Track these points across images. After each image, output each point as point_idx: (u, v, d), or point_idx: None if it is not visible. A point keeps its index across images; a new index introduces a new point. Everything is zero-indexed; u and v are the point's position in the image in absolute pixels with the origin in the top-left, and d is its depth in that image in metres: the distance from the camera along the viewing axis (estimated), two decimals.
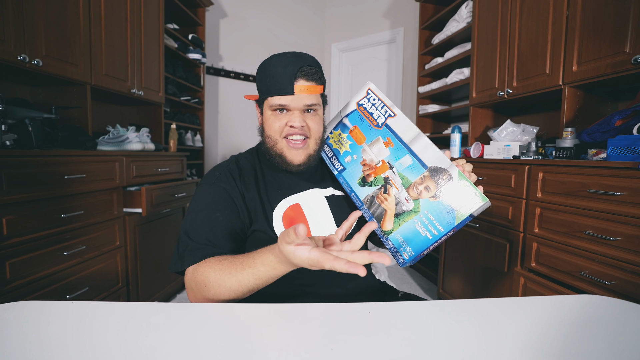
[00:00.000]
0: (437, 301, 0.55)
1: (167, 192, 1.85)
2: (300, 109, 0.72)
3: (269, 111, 0.74)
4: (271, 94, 0.71)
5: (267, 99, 0.73)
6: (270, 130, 0.74)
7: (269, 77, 0.71)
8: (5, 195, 1.07)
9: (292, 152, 0.74)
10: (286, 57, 0.71)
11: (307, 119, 0.73)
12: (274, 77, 0.70)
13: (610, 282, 1.04)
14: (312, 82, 0.71)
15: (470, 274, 1.74)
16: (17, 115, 1.24)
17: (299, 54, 0.72)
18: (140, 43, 1.96)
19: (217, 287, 0.56)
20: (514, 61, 1.68)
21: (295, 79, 0.70)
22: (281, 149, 0.74)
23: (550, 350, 0.41)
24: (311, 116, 0.74)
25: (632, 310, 0.53)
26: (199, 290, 0.59)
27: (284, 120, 0.72)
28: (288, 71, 0.69)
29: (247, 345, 0.41)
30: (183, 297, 2.11)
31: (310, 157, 0.75)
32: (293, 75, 0.69)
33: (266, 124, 0.75)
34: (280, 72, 0.70)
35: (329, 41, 3.68)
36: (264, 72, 0.73)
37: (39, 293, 1.19)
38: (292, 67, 0.69)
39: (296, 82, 0.70)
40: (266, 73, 0.72)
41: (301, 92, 0.70)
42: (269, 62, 0.72)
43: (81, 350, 0.39)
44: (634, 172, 0.98)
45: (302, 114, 0.72)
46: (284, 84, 0.69)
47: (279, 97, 0.71)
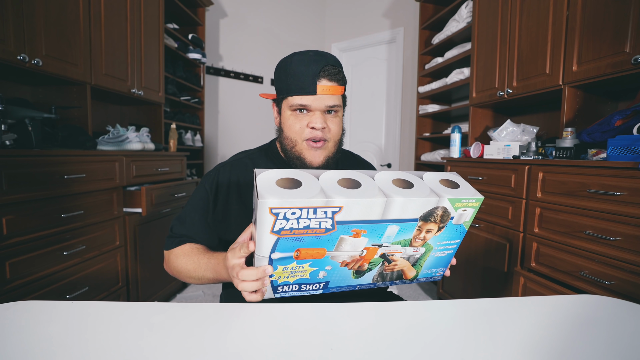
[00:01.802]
0: (437, 301, 0.55)
1: (167, 192, 1.85)
2: (321, 109, 0.70)
3: (288, 111, 0.72)
4: (292, 93, 0.69)
5: (286, 99, 0.71)
6: (290, 131, 0.72)
7: (290, 76, 0.69)
8: (5, 195, 1.07)
9: (311, 153, 0.72)
10: (308, 55, 0.69)
11: (327, 120, 0.71)
12: (295, 75, 0.68)
13: (610, 282, 1.04)
14: (335, 83, 0.69)
15: (470, 274, 1.74)
16: (17, 115, 1.23)
17: (322, 53, 0.70)
18: (140, 43, 1.96)
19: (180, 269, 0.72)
20: (514, 61, 1.68)
21: (318, 79, 0.68)
22: (300, 151, 0.73)
23: (550, 350, 0.41)
24: (332, 117, 0.72)
25: (631, 310, 0.53)
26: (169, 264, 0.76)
27: (304, 121, 0.71)
28: (310, 70, 0.67)
29: (247, 345, 0.41)
30: (183, 297, 2.11)
31: (329, 159, 0.74)
32: (316, 74, 0.67)
33: (285, 124, 0.73)
34: (302, 71, 0.68)
35: (329, 41, 3.68)
36: (284, 71, 0.71)
37: (39, 293, 1.19)
38: (314, 66, 0.67)
39: (319, 82, 0.68)
40: (287, 71, 0.70)
41: (323, 93, 0.68)
42: (290, 60, 0.70)
43: (81, 350, 0.39)
44: (633, 172, 0.98)
45: (323, 114, 0.70)
46: (306, 84, 0.68)
47: (300, 97, 0.69)
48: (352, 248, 0.52)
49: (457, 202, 0.52)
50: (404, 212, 0.50)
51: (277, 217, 0.45)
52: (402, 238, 0.54)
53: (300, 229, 0.47)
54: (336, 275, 0.55)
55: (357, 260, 0.54)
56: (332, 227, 0.48)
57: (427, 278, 0.63)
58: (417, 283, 0.64)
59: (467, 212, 0.55)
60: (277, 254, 0.49)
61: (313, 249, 0.50)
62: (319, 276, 0.54)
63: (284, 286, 0.54)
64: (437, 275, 0.64)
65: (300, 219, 0.46)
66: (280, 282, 0.53)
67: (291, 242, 0.48)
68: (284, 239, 0.47)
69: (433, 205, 0.51)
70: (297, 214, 0.45)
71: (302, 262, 0.51)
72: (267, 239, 0.47)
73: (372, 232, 0.51)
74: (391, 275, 0.59)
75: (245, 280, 0.51)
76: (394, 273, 0.59)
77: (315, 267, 0.53)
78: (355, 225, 0.49)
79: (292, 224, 0.46)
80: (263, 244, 0.47)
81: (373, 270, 0.57)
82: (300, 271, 0.52)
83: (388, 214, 0.50)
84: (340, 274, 0.55)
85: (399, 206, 0.49)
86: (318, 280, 0.55)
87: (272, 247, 0.48)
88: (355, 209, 0.47)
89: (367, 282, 0.59)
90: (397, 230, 0.52)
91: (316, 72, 0.67)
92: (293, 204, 0.44)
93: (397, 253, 0.55)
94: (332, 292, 0.58)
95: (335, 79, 0.69)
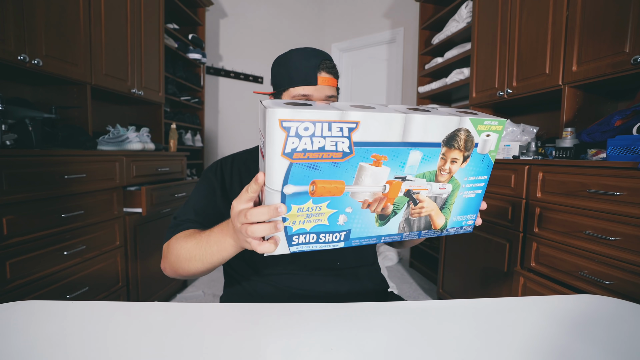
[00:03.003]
0: (437, 301, 0.55)
1: (167, 192, 1.85)
2: (322, 99, 0.74)
3: None
4: (294, 84, 0.73)
5: (288, 90, 0.75)
6: None
7: (292, 69, 0.73)
8: (6, 195, 1.07)
9: None
10: (306, 51, 0.75)
11: None
12: (297, 68, 0.73)
13: (609, 282, 1.04)
14: (331, 75, 0.75)
15: (470, 274, 1.74)
16: (17, 115, 1.24)
17: (318, 49, 0.76)
18: (140, 43, 1.96)
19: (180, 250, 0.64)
20: (514, 61, 1.68)
21: (319, 71, 0.73)
22: None
23: (550, 350, 0.41)
24: None
25: (631, 310, 0.53)
26: (167, 253, 0.68)
27: None
28: (312, 63, 0.72)
29: (248, 345, 0.41)
30: (183, 297, 2.11)
31: None
32: (316, 67, 0.72)
33: None
34: (303, 64, 0.72)
35: (329, 41, 3.68)
36: (284, 65, 0.75)
37: (39, 293, 1.19)
38: (314, 60, 0.73)
39: (319, 74, 0.73)
40: (287, 65, 0.74)
41: (324, 83, 0.73)
42: (290, 55, 0.75)
43: (81, 350, 0.39)
44: (633, 172, 0.98)
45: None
46: (309, 75, 0.72)
47: (303, 87, 0.73)
48: (374, 181, 0.48)
49: (480, 124, 0.50)
50: (425, 134, 0.47)
51: (289, 134, 0.41)
52: (427, 169, 0.50)
53: (314, 152, 0.43)
54: (358, 220, 0.50)
55: (380, 200, 0.49)
56: (349, 151, 0.44)
57: (457, 228, 0.58)
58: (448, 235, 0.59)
59: (491, 137, 0.51)
60: (290, 187, 0.44)
61: (330, 181, 0.46)
62: (339, 222, 0.49)
63: (300, 236, 0.48)
64: (467, 225, 0.59)
65: (314, 137, 0.42)
66: (296, 230, 0.48)
67: (305, 171, 0.44)
68: (297, 165, 0.43)
69: (455, 127, 0.48)
70: (311, 130, 0.41)
71: (319, 201, 0.46)
72: (279, 164, 0.42)
73: (393, 159, 0.47)
74: (418, 223, 0.54)
75: (255, 223, 0.45)
76: (421, 220, 0.54)
77: (334, 208, 0.48)
78: (374, 149, 0.45)
79: (306, 143, 0.42)
80: (274, 171, 0.43)
81: (399, 215, 0.52)
82: (317, 214, 0.47)
83: (409, 135, 0.46)
84: (363, 219, 0.50)
85: (419, 125, 0.46)
86: (338, 229, 0.49)
87: (284, 176, 0.43)
88: (374, 126, 0.44)
89: (394, 231, 0.53)
90: (421, 158, 0.49)
91: (317, 65, 0.72)
92: (305, 116, 0.41)
93: (422, 190, 0.52)
94: (355, 245, 0.53)
95: (331, 72, 0.75)
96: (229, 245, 0.56)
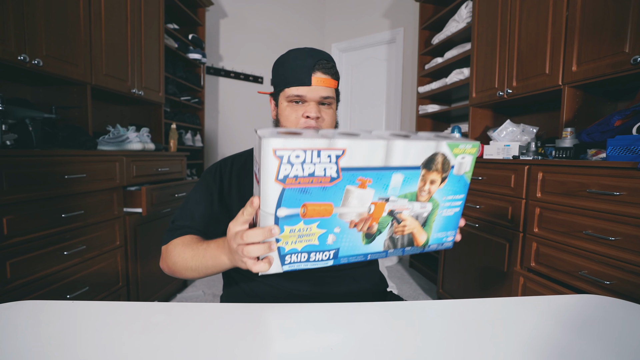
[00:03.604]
0: (437, 301, 0.55)
1: (167, 192, 1.85)
2: (316, 100, 0.73)
3: (284, 102, 0.76)
4: (288, 85, 0.73)
5: (283, 90, 0.75)
6: (287, 121, 0.76)
7: (288, 70, 0.73)
8: (6, 195, 1.07)
9: None
10: (304, 51, 0.74)
11: (321, 111, 0.75)
12: (292, 69, 0.73)
13: (609, 281, 1.04)
14: (328, 76, 0.74)
15: (470, 274, 1.74)
16: (17, 115, 1.24)
17: (316, 50, 0.75)
18: (141, 43, 1.96)
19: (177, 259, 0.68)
20: (514, 61, 1.68)
21: (313, 71, 0.72)
22: None
23: (550, 350, 0.41)
24: (325, 109, 0.76)
25: (631, 310, 0.53)
26: (165, 257, 0.72)
27: (300, 111, 0.74)
28: (306, 63, 0.72)
29: (247, 345, 0.41)
30: (183, 297, 2.11)
31: None
32: (311, 67, 0.72)
33: (282, 115, 0.77)
34: (298, 65, 0.72)
35: (329, 41, 3.68)
36: (282, 65, 0.75)
37: (39, 293, 1.19)
38: (310, 60, 0.72)
39: (314, 74, 0.72)
40: (284, 66, 0.74)
41: (318, 84, 0.73)
42: (287, 56, 0.75)
43: (81, 350, 0.39)
44: (633, 172, 0.98)
45: (317, 105, 0.74)
46: (302, 75, 0.72)
47: (296, 87, 0.73)
48: (360, 202, 0.51)
49: (455, 148, 0.54)
50: (405, 158, 0.51)
51: (282, 161, 0.44)
52: (408, 190, 0.54)
53: (305, 177, 0.46)
54: (346, 239, 0.54)
55: (366, 220, 0.53)
56: (337, 175, 0.48)
57: (438, 244, 0.62)
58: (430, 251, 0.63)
59: (466, 160, 0.56)
60: (283, 210, 0.47)
61: (320, 203, 0.49)
62: (328, 242, 0.53)
63: (292, 255, 0.52)
64: (448, 241, 0.63)
65: (305, 163, 0.45)
66: (288, 250, 0.51)
67: (297, 195, 0.47)
68: (290, 189, 0.47)
69: (433, 151, 0.52)
70: (302, 157, 0.45)
71: (309, 222, 0.50)
72: (272, 189, 0.46)
73: (377, 182, 0.51)
74: (402, 240, 0.58)
75: (250, 244, 0.48)
76: (404, 237, 0.58)
77: (323, 228, 0.51)
78: (360, 173, 0.49)
79: (297, 170, 0.45)
80: (268, 196, 0.46)
81: (383, 233, 0.56)
82: (308, 234, 0.51)
83: (391, 160, 0.50)
84: (350, 238, 0.54)
85: (400, 150, 0.50)
86: (327, 248, 0.53)
87: (277, 200, 0.47)
88: (359, 152, 0.48)
89: (379, 249, 0.57)
90: (402, 180, 0.52)
91: (311, 65, 0.72)
92: (297, 145, 0.44)
93: (404, 210, 0.55)
94: (343, 263, 0.56)
95: (329, 73, 0.74)
96: (223, 263, 0.59)
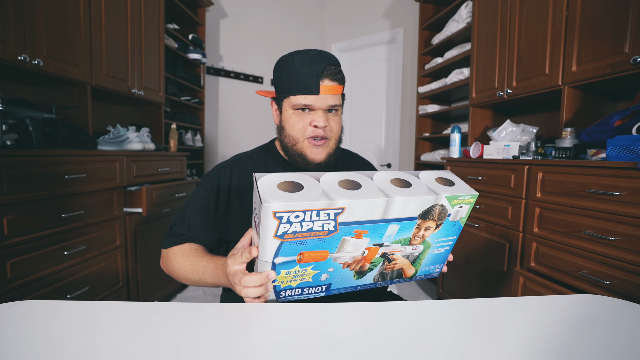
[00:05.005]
0: (437, 301, 0.55)
1: (167, 192, 1.85)
2: (324, 109, 0.71)
3: (290, 110, 0.73)
4: (295, 93, 0.70)
5: (288, 97, 0.72)
6: (293, 129, 0.73)
7: (293, 75, 0.69)
8: (6, 195, 1.07)
9: (313, 151, 0.73)
10: (310, 54, 0.70)
11: (329, 119, 0.73)
12: (298, 75, 0.68)
13: (609, 281, 1.04)
14: (336, 82, 0.70)
15: (470, 274, 1.74)
16: (17, 115, 1.24)
17: (322, 52, 0.71)
18: (141, 43, 1.96)
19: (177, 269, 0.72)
20: (514, 61, 1.68)
21: (321, 79, 0.68)
22: (302, 148, 0.74)
23: (550, 350, 0.41)
24: (332, 116, 0.74)
25: (631, 310, 0.53)
26: (166, 262, 0.76)
27: (307, 120, 0.72)
28: (313, 70, 0.68)
29: (248, 345, 0.41)
30: (183, 297, 2.11)
31: (330, 156, 0.76)
32: (319, 74, 0.68)
33: (287, 122, 0.74)
34: (305, 71, 0.68)
35: (329, 41, 3.68)
36: (285, 69, 0.71)
37: (39, 292, 1.19)
38: (317, 66, 0.68)
39: (321, 82, 0.69)
40: (289, 70, 0.70)
41: (326, 92, 0.69)
42: (292, 59, 0.70)
43: (81, 350, 0.39)
44: (633, 172, 0.98)
45: (325, 113, 0.72)
46: (310, 84, 0.68)
47: (303, 96, 0.69)
48: (354, 249, 0.52)
49: (454, 199, 0.54)
50: (404, 211, 0.51)
51: (281, 221, 0.45)
52: (402, 237, 0.55)
53: (303, 232, 0.47)
54: (338, 276, 0.56)
55: (359, 261, 0.55)
56: (334, 229, 0.48)
57: (425, 275, 0.65)
58: (416, 280, 0.65)
59: (463, 208, 0.56)
60: (280, 259, 0.49)
61: (316, 251, 0.50)
62: (322, 279, 0.55)
63: (287, 290, 0.54)
64: (435, 272, 0.66)
65: (304, 222, 0.46)
66: (283, 287, 0.53)
67: (294, 246, 0.48)
68: (287, 242, 0.47)
69: (431, 203, 0.52)
70: (301, 217, 0.45)
71: (305, 266, 0.51)
72: (271, 243, 0.47)
73: (373, 232, 0.51)
74: (391, 274, 0.60)
75: (248, 287, 0.51)
76: (394, 272, 0.60)
77: (317, 269, 0.53)
78: (357, 226, 0.49)
79: (296, 227, 0.46)
80: (266, 248, 0.47)
81: (374, 270, 0.58)
82: (302, 274, 0.52)
83: (389, 214, 0.50)
84: (342, 275, 0.56)
85: (399, 205, 0.50)
86: (320, 283, 0.55)
87: (275, 251, 0.48)
88: (358, 210, 0.48)
89: (368, 282, 0.59)
90: (398, 230, 0.53)
91: (319, 72, 0.68)
92: (297, 207, 0.44)
93: (397, 252, 0.56)
94: (334, 293, 0.59)
95: (336, 79, 0.70)
96: (222, 283, 0.64)
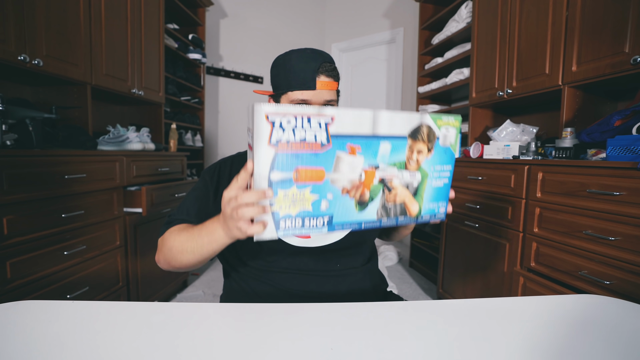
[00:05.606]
0: (437, 301, 0.55)
1: (167, 192, 1.85)
2: (320, 104, 0.73)
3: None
4: (292, 88, 0.72)
5: (286, 94, 0.73)
6: None
7: (290, 72, 0.72)
8: (6, 195, 1.07)
9: None
10: (306, 52, 0.72)
11: None
12: (295, 72, 0.71)
13: (609, 281, 1.04)
14: (331, 79, 0.73)
15: (470, 274, 1.74)
16: (17, 115, 1.24)
17: (318, 51, 0.74)
18: (141, 43, 1.96)
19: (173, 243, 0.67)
20: (514, 61, 1.68)
21: (317, 75, 0.71)
22: None
23: (550, 350, 0.41)
24: None
25: (631, 310, 0.53)
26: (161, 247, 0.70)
27: None
28: (310, 66, 0.70)
29: (247, 345, 0.41)
30: (183, 297, 2.11)
31: None
32: (315, 70, 0.70)
33: None
34: (302, 67, 0.71)
35: (329, 41, 3.68)
36: (282, 67, 0.73)
37: (39, 293, 1.19)
38: (313, 63, 0.71)
39: (318, 78, 0.71)
40: (286, 67, 0.72)
41: (322, 88, 0.72)
42: (289, 57, 0.73)
43: (81, 350, 0.39)
44: (633, 172, 0.98)
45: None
46: (307, 79, 0.71)
47: (301, 91, 0.71)
48: (350, 169, 0.55)
49: (439, 120, 0.58)
50: (392, 128, 0.55)
51: (274, 125, 0.48)
52: (397, 159, 0.57)
53: (296, 142, 0.50)
54: (339, 206, 0.56)
55: (358, 187, 0.56)
56: (327, 141, 0.52)
57: (431, 215, 0.64)
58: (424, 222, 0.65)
59: (450, 132, 0.59)
60: (276, 173, 0.50)
61: (312, 168, 0.52)
62: (322, 208, 0.55)
63: (287, 220, 0.53)
64: (440, 213, 0.65)
65: (296, 129, 0.49)
66: (282, 215, 0.53)
67: (289, 159, 0.50)
68: (282, 154, 0.49)
69: (417, 122, 0.57)
70: (293, 123, 0.48)
71: (302, 187, 0.52)
72: (265, 152, 0.48)
73: (366, 149, 0.54)
74: (395, 209, 0.60)
75: (244, 205, 0.49)
76: (397, 207, 0.60)
77: (316, 193, 0.53)
78: (349, 140, 0.53)
79: (289, 135, 0.49)
80: (261, 159, 0.49)
81: (375, 201, 0.58)
82: (301, 199, 0.53)
83: (378, 129, 0.54)
84: (343, 204, 0.56)
85: (386, 120, 0.54)
86: (321, 214, 0.55)
87: (270, 164, 0.49)
88: (347, 120, 0.52)
89: (372, 218, 0.59)
90: (390, 149, 0.56)
91: (315, 69, 0.70)
92: (288, 110, 0.48)
93: (394, 178, 0.58)
94: (337, 231, 0.58)
95: (331, 75, 0.73)
96: (219, 237, 0.59)
